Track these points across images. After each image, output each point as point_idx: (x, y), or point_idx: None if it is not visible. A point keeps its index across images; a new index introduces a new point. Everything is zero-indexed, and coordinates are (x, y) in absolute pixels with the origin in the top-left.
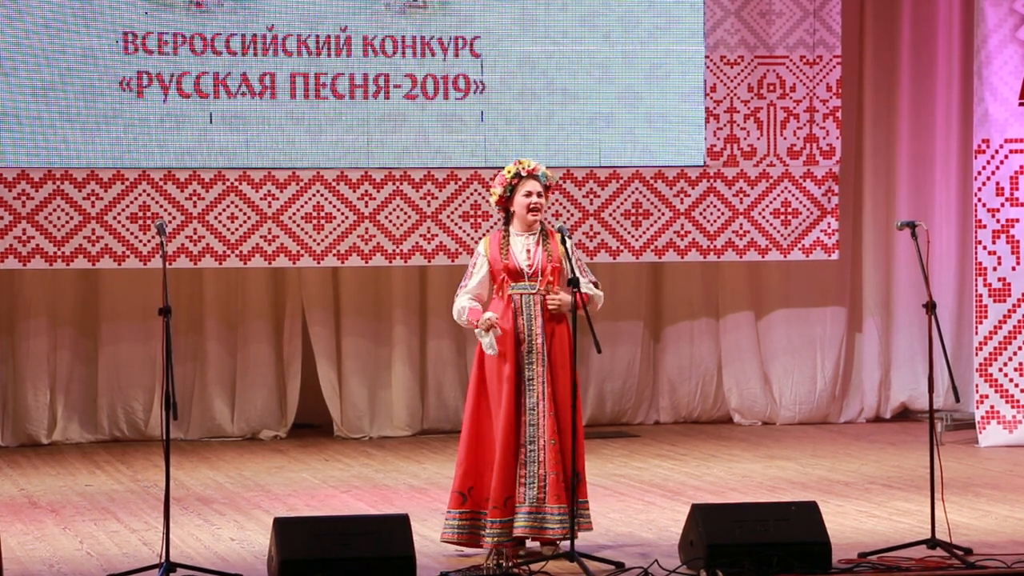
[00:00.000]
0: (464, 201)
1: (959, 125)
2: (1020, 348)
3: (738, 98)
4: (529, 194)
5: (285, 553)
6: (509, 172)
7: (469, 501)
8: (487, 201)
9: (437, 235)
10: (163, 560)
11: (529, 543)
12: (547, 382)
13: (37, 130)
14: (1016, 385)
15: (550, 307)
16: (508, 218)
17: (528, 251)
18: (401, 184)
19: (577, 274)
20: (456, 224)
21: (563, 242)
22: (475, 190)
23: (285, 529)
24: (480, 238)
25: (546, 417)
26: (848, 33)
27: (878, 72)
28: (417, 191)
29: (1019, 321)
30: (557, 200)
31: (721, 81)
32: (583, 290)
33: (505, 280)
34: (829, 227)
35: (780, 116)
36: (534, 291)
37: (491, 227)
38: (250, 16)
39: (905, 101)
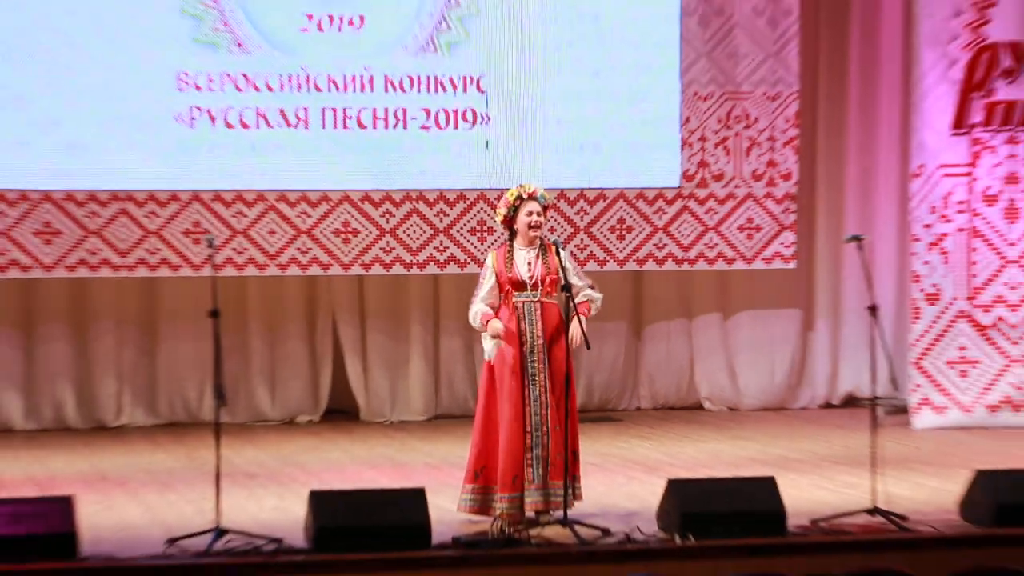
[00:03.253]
0: (472, 218)
1: (899, 152)
2: (949, 345)
3: (709, 128)
4: (530, 213)
5: (320, 521)
6: (512, 195)
7: (481, 478)
8: (492, 218)
9: (448, 248)
10: (215, 526)
11: (554, 501)
12: (548, 376)
13: (104, 158)
14: (945, 376)
15: (572, 343)
16: (512, 234)
17: (529, 264)
18: (417, 203)
19: (572, 279)
20: (465, 238)
21: (558, 254)
22: (481, 208)
23: (319, 500)
24: (486, 250)
25: (548, 407)
26: (804, 72)
27: (829, 106)
28: (431, 209)
29: (948, 322)
30: (553, 217)
31: (694, 114)
32: (583, 297)
33: (509, 291)
34: (787, 240)
35: (745, 144)
36: (535, 299)
37: (495, 240)
38: (285, 58)
39: (853, 131)
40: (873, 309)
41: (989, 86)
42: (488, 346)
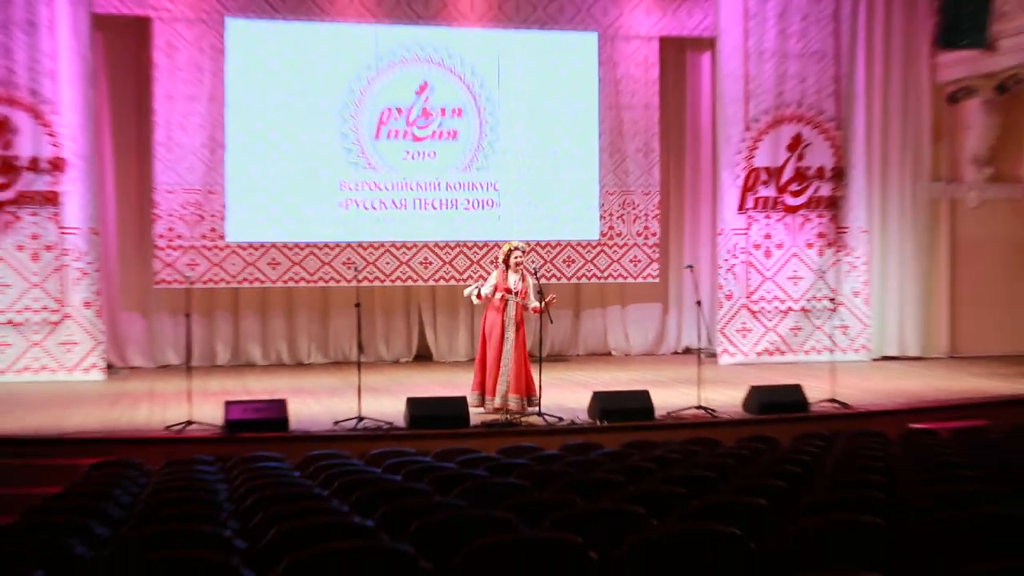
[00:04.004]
0: (490, 256)
1: (711, 222)
2: (736, 321)
3: (614, 209)
4: (516, 257)
5: (412, 412)
6: (506, 248)
7: (479, 387)
8: (499, 256)
9: (479, 271)
10: (358, 415)
11: (513, 406)
12: (515, 339)
13: (301, 223)
14: (735, 337)
15: (547, 303)
16: (507, 266)
17: (514, 282)
18: (463, 249)
19: (533, 294)
20: (487, 266)
21: (535, 276)
22: (495, 251)
23: (412, 402)
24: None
25: (513, 355)
26: (663, 180)
27: (675, 198)
28: (469, 251)
29: (736, 310)
30: (533, 255)
31: (606, 202)
32: (535, 302)
33: (503, 294)
34: (654, 268)
35: (632, 217)
36: (515, 300)
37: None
38: (395, 173)
39: (688, 211)
40: (699, 303)
41: (755, 188)
42: (468, 289)
